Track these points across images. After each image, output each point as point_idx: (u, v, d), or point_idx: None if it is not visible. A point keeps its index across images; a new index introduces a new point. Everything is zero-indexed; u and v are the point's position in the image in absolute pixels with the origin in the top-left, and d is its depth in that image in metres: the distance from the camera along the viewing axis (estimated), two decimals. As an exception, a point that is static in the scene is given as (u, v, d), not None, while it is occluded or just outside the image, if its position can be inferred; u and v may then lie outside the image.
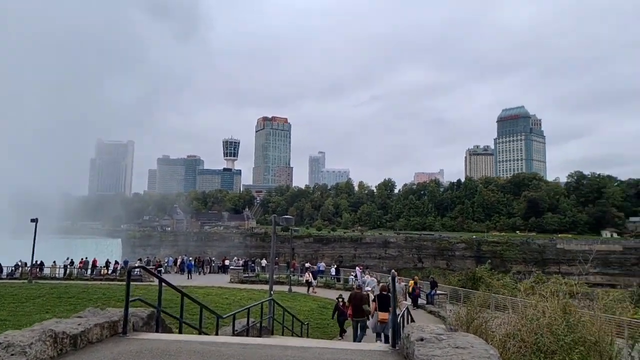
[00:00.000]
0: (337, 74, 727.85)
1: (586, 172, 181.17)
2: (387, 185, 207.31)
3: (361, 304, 14.68)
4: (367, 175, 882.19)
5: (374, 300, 14.64)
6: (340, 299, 18.40)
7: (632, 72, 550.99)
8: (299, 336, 16.20)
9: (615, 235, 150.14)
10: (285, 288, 32.40)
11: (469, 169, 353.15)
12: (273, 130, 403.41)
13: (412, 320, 12.01)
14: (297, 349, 5.94)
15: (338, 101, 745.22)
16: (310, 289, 32.46)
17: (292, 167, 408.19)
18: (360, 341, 13.91)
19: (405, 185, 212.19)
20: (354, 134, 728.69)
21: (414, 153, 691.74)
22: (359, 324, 14.67)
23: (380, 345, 6.34)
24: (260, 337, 12.19)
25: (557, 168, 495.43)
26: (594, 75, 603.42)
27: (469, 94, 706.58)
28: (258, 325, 12.38)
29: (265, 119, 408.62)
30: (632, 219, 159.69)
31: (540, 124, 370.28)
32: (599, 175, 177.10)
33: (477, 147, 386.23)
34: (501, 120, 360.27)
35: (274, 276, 41.26)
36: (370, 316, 14.39)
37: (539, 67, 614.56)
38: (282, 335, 14.95)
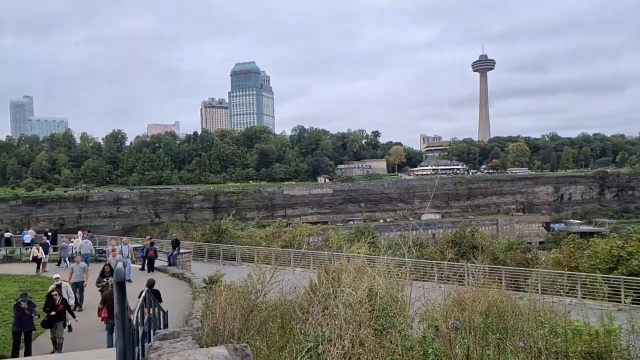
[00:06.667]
0: (40, 3, 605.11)
1: (307, 126, 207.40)
2: (117, 137, 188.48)
3: None
4: (92, 127, 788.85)
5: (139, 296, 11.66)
6: (22, 301, 11.97)
7: (335, 43, 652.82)
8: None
9: (327, 180, 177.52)
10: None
11: (205, 122, 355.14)
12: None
13: (163, 312, 9.25)
14: None
15: (47, 38, 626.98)
16: (41, 267, 24.76)
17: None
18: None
19: (138, 137, 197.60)
20: (73, 78, 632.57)
21: (146, 105, 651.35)
22: None
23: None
24: None
25: (283, 123, 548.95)
26: (306, 43, 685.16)
27: (203, 47, 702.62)
28: None
29: None
30: (339, 166, 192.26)
31: (269, 81, 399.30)
32: (316, 129, 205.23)
33: (213, 99, 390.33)
34: (235, 74, 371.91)
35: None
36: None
37: (267, 29, 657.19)
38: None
